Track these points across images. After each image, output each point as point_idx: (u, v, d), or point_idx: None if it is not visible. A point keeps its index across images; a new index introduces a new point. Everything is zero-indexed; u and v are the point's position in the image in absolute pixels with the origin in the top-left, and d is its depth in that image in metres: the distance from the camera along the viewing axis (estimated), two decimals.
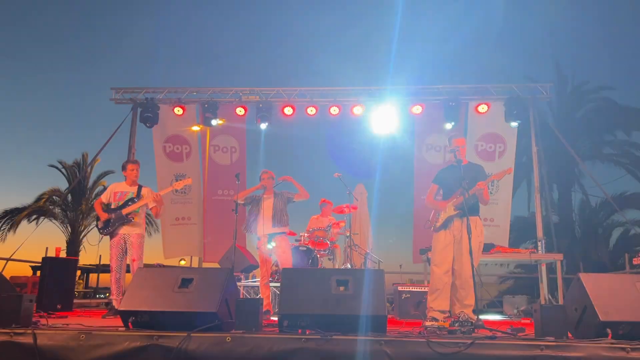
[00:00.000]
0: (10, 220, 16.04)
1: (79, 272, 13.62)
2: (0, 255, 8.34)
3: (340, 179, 7.07)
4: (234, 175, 6.12)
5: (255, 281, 7.90)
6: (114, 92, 8.85)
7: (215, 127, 8.93)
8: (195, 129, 9.10)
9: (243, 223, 5.92)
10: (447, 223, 4.56)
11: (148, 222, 14.55)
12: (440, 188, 4.85)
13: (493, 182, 7.70)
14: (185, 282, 3.41)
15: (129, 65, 33.15)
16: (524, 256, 6.93)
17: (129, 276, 5.39)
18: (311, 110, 8.57)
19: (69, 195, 16.75)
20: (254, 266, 7.79)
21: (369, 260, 8.08)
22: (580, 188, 14.87)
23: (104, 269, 11.27)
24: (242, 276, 7.86)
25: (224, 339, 2.92)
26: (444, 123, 8.40)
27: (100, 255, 10.92)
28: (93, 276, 14.45)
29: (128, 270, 5.71)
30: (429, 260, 5.46)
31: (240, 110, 8.74)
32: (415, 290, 6.13)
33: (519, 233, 14.35)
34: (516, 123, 8.18)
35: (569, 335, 3.17)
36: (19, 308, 3.23)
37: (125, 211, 5.49)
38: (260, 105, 8.61)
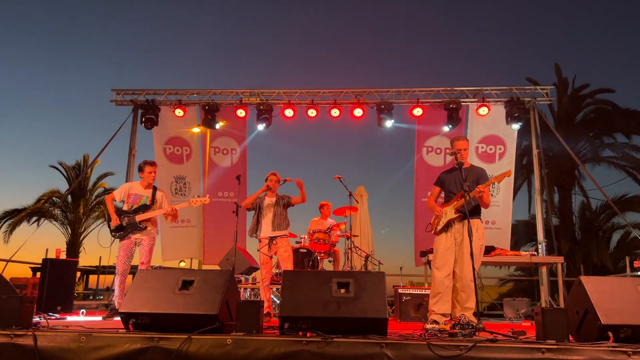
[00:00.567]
0: (10, 221, 16.05)
1: (78, 274, 13.62)
2: (0, 256, 8.34)
3: (340, 181, 7.07)
4: (235, 177, 6.12)
5: (255, 283, 7.89)
6: (115, 94, 8.85)
7: (216, 129, 8.93)
8: (195, 130, 9.11)
9: (249, 227, 5.92)
10: (448, 226, 4.55)
11: None
12: (441, 190, 4.85)
13: (494, 185, 7.69)
14: (186, 284, 3.40)
15: (130, 66, 33.20)
16: (524, 259, 6.90)
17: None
18: (312, 112, 8.57)
19: (69, 197, 16.75)
20: (254, 268, 7.78)
21: (369, 262, 8.07)
22: (580, 191, 14.89)
23: (104, 270, 11.26)
24: (243, 278, 7.85)
25: (225, 341, 2.91)
26: (445, 125, 8.42)
27: (101, 257, 10.92)
28: (93, 277, 14.45)
29: (133, 273, 5.68)
30: (430, 262, 5.46)
31: (240, 112, 8.74)
32: (416, 292, 6.11)
33: (520, 236, 14.36)
34: (517, 125, 8.19)
35: (570, 338, 3.16)
36: (19, 309, 3.22)
37: (139, 218, 5.45)
38: (261, 107, 8.62)
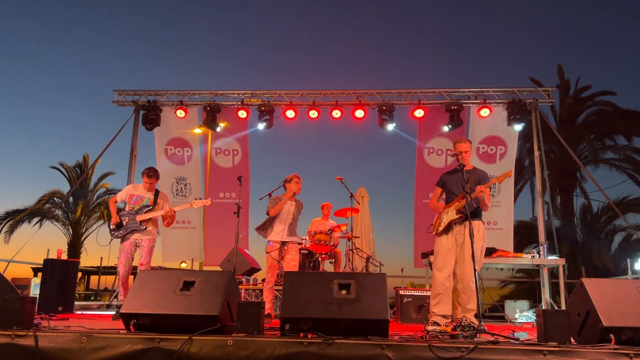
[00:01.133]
0: (11, 221, 16.08)
1: (79, 274, 13.62)
2: (1, 256, 8.35)
3: (342, 182, 7.07)
4: (236, 178, 6.10)
5: (257, 284, 7.88)
6: (117, 94, 8.87)
7: (217, 130, 8.94)
8: (197, 131, 9.12)
9: (258, 224, 5.65)
10: (450, 227, 4.55)
11: None
12: (443, 191, 4.85)
13: (494, 185, 7.69)
14: (187, 285, 3.40)
15: (132, 67, 33.25)
16: (525, 260, 6.89)
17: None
18: (313, 113, 8.58)
19: (70, 197, 16.77)
20: (255, 269, 7.77)
21: (370, 263, 8.06)
22: (582, 193, 14.86)
23: (106, 271, 11.26)
24: (244, 279, 7.84)
25: (226, 342, 2.91)
26: (446, 127, 8.41)
27: (102, 257, 10.92)
28: (94, 278, 14.46)
29: (134, 273, 5.70)
30: (431, 264, 5.45)
31: (242, 113, 8.75)
32: (417, 294, 6.09)
33: (522, 237, 14.33)
34: (520, 126, 8.19)
35: (572, 340, 3.15)
36: (20, 310, 3.22)
37: (139, 218, 5.45)
38: (262, 108, 8.63)
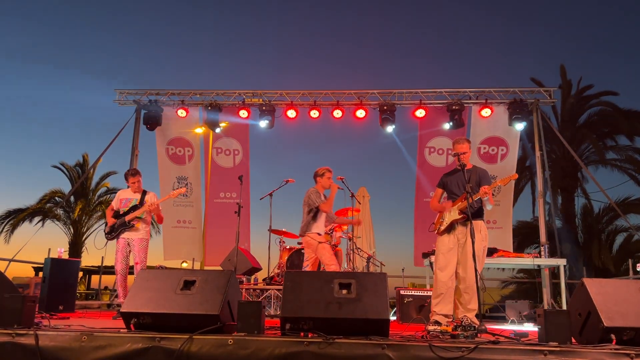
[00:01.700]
0: (12, 220, 16.10)
1: (80, 274, 13.63)
2: (2, 255, 8.37)
3: (343, 182, 7.06)
4: (237, 178, 6.11)
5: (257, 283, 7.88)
6: (118, 94, 8.88)
7: (218, 130, 8.94)
8: (198, 131, 9.12)
9: (302, 225, 5.55)
10: (452, 227, 4.54)
11: (151, 225, 14.62)
12: (444, 192, 4.84)
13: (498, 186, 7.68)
14: (188, 284, 3.40)
15: (133, 66, 33.27)
16: (526, 261, 6.88)
17: (131, 278, 5.43)
18: (314, 113, 8.58)
19: (71, 197, 16.79)
20: (256, 269, 7.77)
21: (371, 263, 8.06)
22: (583, 193, 14.83)
23: (106, 270, 11.27)
24: (244, 279, 7.84)
25: (226, 342, 2.91)
26: (447, 126, 8.41)
27: (103, 257, 10.93)
28: (95, 277, 14.46)
29: (130, 273, 5.81)
30: (432, 264, 5.44)
31: (243, 113, 8.76)
32: (418, 294, 6.08)
33: (523, 238, 14.32)
34: (521, 125, 8.18)
35: (573, 340, 3.15)
36: (21, 309, 3.23)
37: (127, 218, 5.74)
38: (264, 108, 8.63)
